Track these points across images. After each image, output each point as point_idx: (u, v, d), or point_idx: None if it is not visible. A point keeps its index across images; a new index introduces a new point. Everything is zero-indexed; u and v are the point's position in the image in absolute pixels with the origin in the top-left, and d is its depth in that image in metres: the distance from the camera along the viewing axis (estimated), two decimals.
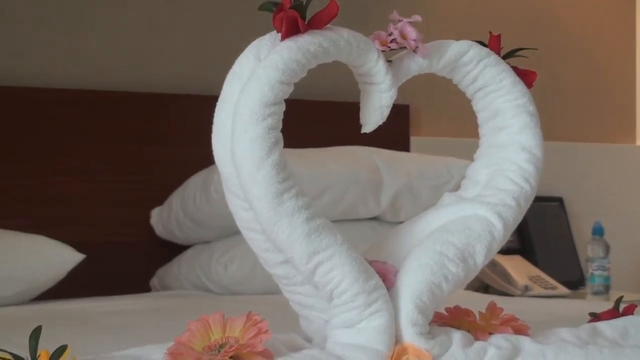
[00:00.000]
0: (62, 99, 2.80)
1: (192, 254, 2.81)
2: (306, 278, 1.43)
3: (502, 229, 1.55)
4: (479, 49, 1.62)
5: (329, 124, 3.06)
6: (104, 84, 2.90)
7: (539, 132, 1.63)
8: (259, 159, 1.37)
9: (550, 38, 3.67)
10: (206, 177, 2.70)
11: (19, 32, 2.82)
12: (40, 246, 2.50)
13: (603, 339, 1.58)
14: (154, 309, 2.39)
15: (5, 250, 2.45)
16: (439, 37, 1.62)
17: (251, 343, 1.32)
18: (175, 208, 2.78)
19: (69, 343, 1.25)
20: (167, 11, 3.02)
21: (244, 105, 1.39)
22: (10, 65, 2.80)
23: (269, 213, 1.38)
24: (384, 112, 1.54)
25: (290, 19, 1.42)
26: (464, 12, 3.49)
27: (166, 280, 2.83)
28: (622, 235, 3.73)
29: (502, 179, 1.60)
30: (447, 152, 3.05)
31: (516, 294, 3.06)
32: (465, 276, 1.52)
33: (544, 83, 2.00)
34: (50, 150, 2.77)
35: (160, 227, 2.86)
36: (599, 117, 3.81)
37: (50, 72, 2.85)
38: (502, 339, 1.49)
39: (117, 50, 2.95)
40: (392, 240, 1.59)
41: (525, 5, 3.63)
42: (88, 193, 2.81)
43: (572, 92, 3.74)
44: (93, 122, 2.83)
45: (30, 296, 2.47)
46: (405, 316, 1.42)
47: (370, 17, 3.13)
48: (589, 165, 3.74)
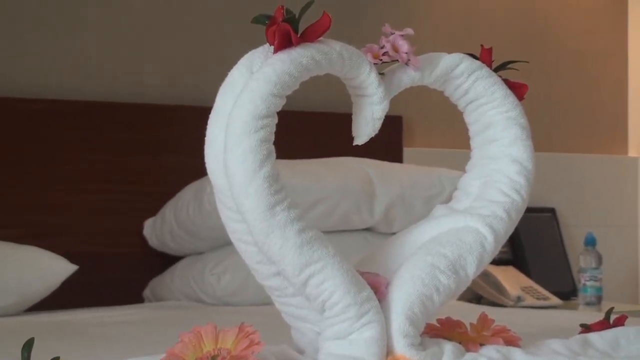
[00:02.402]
0: (57, 110, 2.79)
1: (185, 265, 2.80)
2: (298, 290, 1.43)
3: (493, 241, 1.56)
4: (470, 61, 1.63)
5: (321, 135, 3.06)
6: (97, 94, 2.90)
7: (530, 144, 1.64)
8: (251, 171, 1.37)
9: (542, 51, 3.67)
10: (199, 189, 2.70)
11: (14, 42, 2.82)
12: (33, 257, 2.49)
13: (594, 350, 1.58)
14: (146, 320, 2.38)
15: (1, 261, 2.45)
16: (430, 50, 1.62)
17: (243, 355, 1.32)
18: (169, 219, 2.78)
19: (61, 354, 1.26)
20: (161, 23, 3.02)
21: (236, 117, 1.39)
22: (4, 76, 2.80)
23: (261, 225, 1.38)
24: (376, 124, 1.55)
25: (283, 32, 1.43)
26: (456, 25, 3.50)
27: (159, 291, 2.82)
28: (615, 246, 3.73)
29: (493, 190, 1.61)
30: (439, 163, 3.05)
31: (508, 304, 3.06)
32: (457, 288, 1.52)
33: (536, 95, 2.01)
34: (44, 160, 2.76)
35: (154, 238, 2.85)
36: (591, 129, 3.82)
37: (44, 82, 2.84)
38: (493, 350, 1.49)
39: (111, 61, 2.95)
40: (384, 252, 1.59)
41: (517, 19, 3.64)
42: (80, 203, 2.80)
43: (564, 104, 3.75)
44: (86, 132, 2.83)
45: (23, 307, 2.47)
46: (396, 328, 1.43)
47: (363, 30, 3.14)
48: (581, 176, 3.74)
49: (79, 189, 2.81)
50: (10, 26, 2.83)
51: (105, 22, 2.95)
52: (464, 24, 3.52)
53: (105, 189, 2.85)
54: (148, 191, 2.89)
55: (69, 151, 2.80)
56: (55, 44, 2.89)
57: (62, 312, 2.49)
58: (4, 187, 2.72)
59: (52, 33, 2.88)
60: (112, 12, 2.97)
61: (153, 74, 3.02)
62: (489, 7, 3.59)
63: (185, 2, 3.07)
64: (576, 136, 3.79)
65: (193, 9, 3.08)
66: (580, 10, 3.80)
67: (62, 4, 2.89)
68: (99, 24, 2.95)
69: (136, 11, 3.00)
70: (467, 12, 3.54)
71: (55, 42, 2.89)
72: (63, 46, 2.90)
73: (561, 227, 3.60)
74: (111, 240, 2.84)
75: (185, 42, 3.07)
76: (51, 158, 2.78)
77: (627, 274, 3.82)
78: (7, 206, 2.71)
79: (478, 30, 3.51)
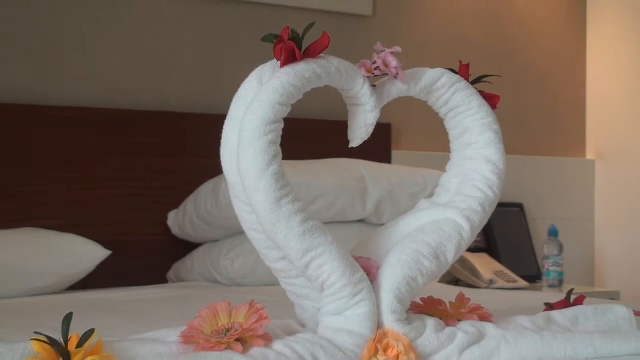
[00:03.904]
0: (92, 117, 2.79)
1: (203, 251, 2.80)
2: (301, 272, 1.43)
3: (469, 231, 1.56)
4: (450, 75, 1.62)
5: (321, 140, 3.06)
6: (127, 104, 2.89)
7: (502, 147, 1.64)
8: (261, 169, 1.37)
9: (512, 67, 3.67)
10: (216, 185, 2.70)
11: (57, 59, 2.82)
12: (72, 243, 2.50)
13: (556, 325, 1.58)
14: (170, 298, 2.39)
15: (43, 247, 2.45)
16: (416, 65, 1.62)
17: (253, 328, 1.32)
18: (189, 211, 2.78)
19: (96, 327, 1.25)
20: (182, 44, 3.02)
21: (248, 122, 1.39)
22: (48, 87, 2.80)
23: (269, 216, 1.38)
24: (369, 129, 1.54)
25: (289, 49, 1.42)
26: (438, 45, 3.50)
27: (181, 274, 2.82)
28: (574, 236, 3.73)
29: (469, 187, 1.61)
30: (423, 164, 3.04)
31: (482, 286, 3.06)
32: (438, 271, 1.52)
33: (507, 105, 2.01)
34: (81, 161, 2.76)
35: (176, 228, 2.85)
36: (554, 135, 3.82)
37: (82, 93, 2.84)
38: (469, 325, 1.49)
39: (139, 76, 2.94)
40: (375, 239, 1.59)
41: (490, 40, 3.63)
42: (112, 198, 2.80)
43: (531, 113, 3.75)
44: (117, 137, 2.82)
45: (63, 287, 2.47)
46: (386, 305, 1.43)
47: (358, 48, 3.14)
48: (545, 176, 3.74)
49: (111, 186, 2.81)
50: (54, 46, 2.83)
51: (134, 43, 2.95)
52: (445, 43, 3.52)
53: (134, 185, 2.85)
54: (171, 187, 2.88)
55: (102, 153, 2.80)
56: (92, 61, 2.89)
57: (96, 291, 2.50)
58: (47, 185, 2.71)
59: (90, 52, 2.88)
60: (140, 35, 2.97)
61: (175, 86, 3.02)
62: (467, 29, 3.59)
63: (202, 26, 3.07)
64: (541, 141, 3.79)
65: (209, 31, 3.08)
66: (545, 32, 3.80)
67: (99, 28, 2.89)
68: (129, 45, 2.95)
69: (161, 34, 3.00)
70: (448, 34, 3.54)
71: (93, 60, 2.89)
72: (99, 63, 2.89)
73: (528, 220, 3.60)
74: (139, 230, 2.84)
75: (203, 59, 3.07)
76: (88, 159, 2.78)
77: (584, 260, 3.82)
78: (50, 201, 2.71)
79: (457, 48, 3.51)
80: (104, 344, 1.24)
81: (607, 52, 3.85)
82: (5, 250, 2.38)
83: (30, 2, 2.79)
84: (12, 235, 2.47)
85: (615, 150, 3.83)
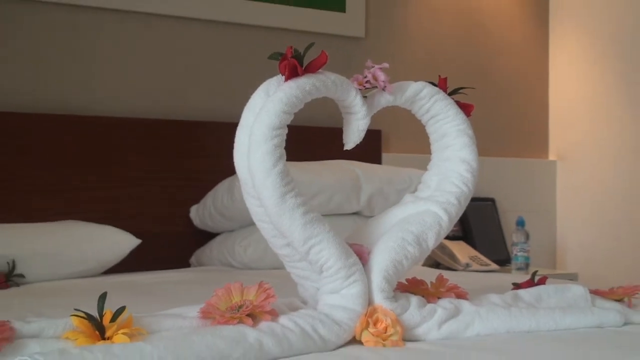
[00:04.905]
0: (126, 125, 2.79)
1: (220, 240, 2.80)
2: (302, 257, 1.43)
3: (447, 221, 1.56)
4: (431, 87, 1.63)
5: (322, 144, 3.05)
6: (155, 113, 2.89)
7: (475, 149, 1.64)
8: (268, 168, 1.37)
9: (484, 80, 3.66)
10: (231, 183, 2.70)
11: (94, 75, 2.82)
12: (108, 233, 2.49)
13: (522, 302, 1.58)
14: (191, 280, 2.38)
15: (83, 237, 2.45)
16: (402, 79, 1.62)
17: (262, 304, 1.32)
18: (208, 206, 2.78)
19: (127, 305, 1.25)
20: (202, 61, 3.02)
21: (257, 128, 1.39)
22: (87, 101, 2.80)
23: (275, 209, 1.38)
24: (361, 134, 1.55)
25: (292, 66, 1.43)
26: (421, 61, 3.49)
27: (201, 259, 2.82)
28: (538, 226, 3.73)
29: (447, 183, 1.61)
30: (409, 164, 3.04)
31: (459, 269, 3.06)
32: (420, 255, 1.52)
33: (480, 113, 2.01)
34: (116, 163, 2.76)
35: (197, 220, 2.85)
36: (520, 139, 3.81)
37: (122, 105, 2.84)
38: (447, 302, 1.49)
39: (164, 89, 2.94)
40: (367, 229, 1.59)
41: (466, 57, 3.63)
42: (142, 194, 2.79)
43: (501, 121, 3.74)
44: (146, 141, 2.82)
45: (99, 271, 2.46)
46: (375, 285, 1.43)
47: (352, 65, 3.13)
48: (513, 175, 3.74)
49: (141, 184, 2.81)
50: (90, 63, 2.83)
51: (162, 63, 2.95)
52: (426, 61, 3.51)
53: (161, 184, 2.84)
54: (192, 185, 2.88)
55: (134, 156, 2.80)
56: (126, 79, 2.88)
57: (128, 274, 2.49)
58: (88, 183, 2.71)
59: (124, 72, 2.88)
60: (167, 56, 2.96)
61: (195, 99, 3.02)
62: (446, 49, 3.59)
63: (217, 47, 3.07)
64: (510, 144, 3.79)
65: (223, 51, 3.08)
66: (513, 52, 3.79)
67: (135, 51, 2.89)
68: (157, 65, 2.94)
69: (184, 53, 3.00)
70: (430, 53, 3.54)
71: (126, 77, 2.88)
72: (131, 80, 2.89)
73: (499, 212, 3.60)
74: (165, 221, 2.84)
75: (218, 75, 3.06)
76: (122, 161, 2.78)
77: (547, 246, 3.82)
78: (89, 197, 2.71)
79: (437, 65, 3.50)
80: (133, 319, 1.25)
81: (567, 69, 3.84)
82: (50, 240, 2.38)
83: (73, 25, 2.79)
84: (56, 227, 2.47)
85: (574, 152, 3.83)
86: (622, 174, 3.62)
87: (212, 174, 2.82)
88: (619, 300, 1.65)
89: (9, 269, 2.26)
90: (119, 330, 1.21)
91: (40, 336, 1.22)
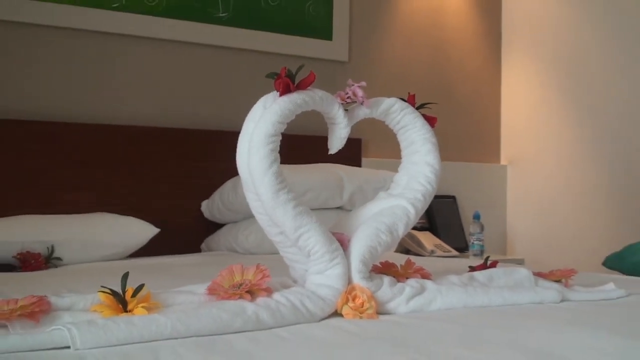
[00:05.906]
0: (142, 133, 2.78)
1: (226, 229, 2.79)
2: (293, 243, 1.43)
3: (414, 214, 1.56)
4: (401, 103, 1.63)
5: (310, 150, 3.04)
6: (168, 122, 2.88)
7: (438, 155, 1.64)
8: (265, 169, 1.38)
9: (446, 97, 3.67)
10: (235, 182, 2.69)
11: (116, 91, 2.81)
12: (130, 223, 2.48)
13: (477, 282, 1.59)
14: (201, 263, 2.38)
15: (110, 226, 2.44)
16: (377, 95, 1.62)
17: (258, 283, 1.32)
18: (217, 201, 2.77)
19: (146, 283, 1.25)
20: (210, 78, 3.01)
21: (256, 135, 1.39)
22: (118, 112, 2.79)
23: (271, 202, 1.38)
24: (343, 141, 1.55)
25: (285, 83, 1.43)
26: (395, 81, 3.49)
27: (210, 245, 2.81)
28: (491, 219, 3.73)
29: (415, 183, 1.61)
30: (384, 167, 3.04)
31: (425, 255, 3.06)
32: (392, 243, 1.52)
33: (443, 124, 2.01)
34: (137, 165, 2.75)
35: (207, 212, 2.84)
36: (477, 146, 3.82)
37: (141, 113, 2.83)
38: (414, 281, 1.49)
39: (177, 101, 2.93)
40: (347, 220, 1.59)
41: (432, 78, 3.63)
42: (161, 190, 2.79)
43: (460, 131, 3.75)
44: (161, 147, 2.81)
45: (122, 255, 2.45)
46: (354, 267, 1.43)
47: (336, 83, 3.14)
48: (471, 176, 3.74)
49: (159, 183, 2.80)
50: (118, 82, 2.82)
51: (175, 80, 2.94)
52: (399, 80, 3.52)
53: (176, 182, 2.84)
54: (203, 184, 2.87)
55: (151, 159, 2.79)
56: (149, 95, 2.88)
57: (148, 258, 2.48)
58: (115, 179, 2.70)
59: (137, 82, 2.87)
60: (182, 75, 2.96)
61: (205, 111, 3.01)
62: (416, 71, 3.59)
63: (223, 68, 3.06)
64: (468, 151, 3.79)
65: (230, 71, 3.07)
66: (470, 73, 3.80)
67: (152, 71, 2.88)
68: (175, 82, 2.94)
69: (196, 74, 2.99)
70: (402, 74, 3.54)
71: (149, 93, 2.88)
72: (153, 95, 2.88)
73: (459, 208, 3.60)
74: (180, 214, 2.83)
75: (224, 91, 3.06)
76: (141, 164, 2.77)
77: (499, 236, 3.83)
78: (115, 192, 2.70)
79: (407, 84, 3.50)
80: (151, 295, 1.25)
81: (516, 89, 3.85)
82: (82, 228, 2.38)
83: (103, 50, 2.78)
84: (87, 218, 2.46)
85: (522, 158, 3.84)
86: (561, 176, 3.64)
87: (219, 175, 2.82)
88: (557, 281, 1.66)
89: (48, 253, 2.26)
90: (139, 304, 1.21)
91: (72, 309, 1.21)
